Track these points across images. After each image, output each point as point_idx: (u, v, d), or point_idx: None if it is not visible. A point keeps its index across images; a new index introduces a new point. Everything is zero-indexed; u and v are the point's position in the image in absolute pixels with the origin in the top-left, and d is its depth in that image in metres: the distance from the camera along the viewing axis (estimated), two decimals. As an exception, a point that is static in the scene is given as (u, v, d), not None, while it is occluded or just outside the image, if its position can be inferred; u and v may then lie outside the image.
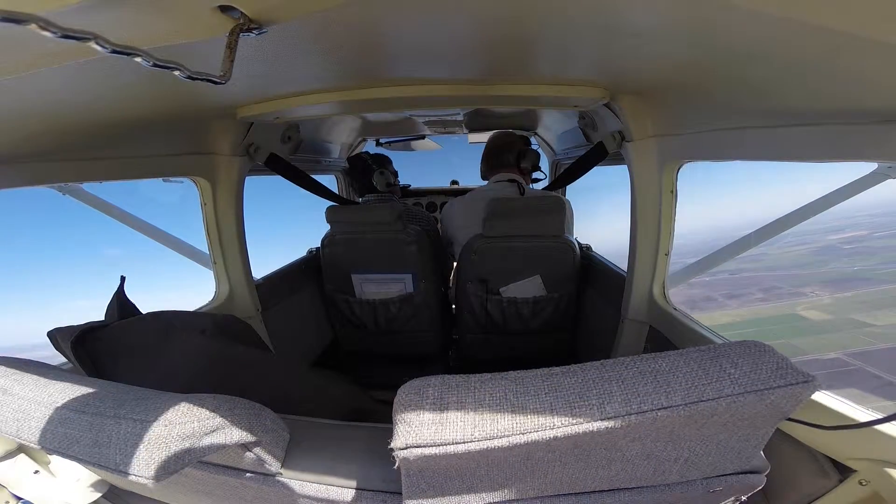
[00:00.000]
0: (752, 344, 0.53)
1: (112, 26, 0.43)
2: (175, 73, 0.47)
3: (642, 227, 1.43)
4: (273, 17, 0.49)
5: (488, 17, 0.67)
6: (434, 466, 0.52)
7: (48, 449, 0.59)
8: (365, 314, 2.17)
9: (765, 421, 0.54)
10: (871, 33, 0.45)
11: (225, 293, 1.70)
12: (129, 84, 0.79)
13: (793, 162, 0.87)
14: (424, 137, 3.17)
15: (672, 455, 0.57)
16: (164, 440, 0.52)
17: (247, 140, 1.60)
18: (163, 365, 0.91)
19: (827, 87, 0.68)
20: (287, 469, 0.69)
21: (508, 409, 0.49)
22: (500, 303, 1.95)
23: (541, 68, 1.05)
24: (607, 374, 0.51)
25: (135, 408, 0.56)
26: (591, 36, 0.76)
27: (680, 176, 1.34)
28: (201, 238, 1.67)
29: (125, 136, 1.19)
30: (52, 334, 0.91)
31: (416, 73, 1.09)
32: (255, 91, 1.15)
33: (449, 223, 2.13)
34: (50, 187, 1.26)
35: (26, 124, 0.86)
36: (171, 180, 1.56)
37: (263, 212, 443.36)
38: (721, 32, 0.61)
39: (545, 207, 1.77)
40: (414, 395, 0.52)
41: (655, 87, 1.13)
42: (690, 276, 1.71)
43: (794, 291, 65.91)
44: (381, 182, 2.14)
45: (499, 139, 2.11)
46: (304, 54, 0.82)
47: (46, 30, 0.34)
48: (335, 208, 2.02)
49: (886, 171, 1.26)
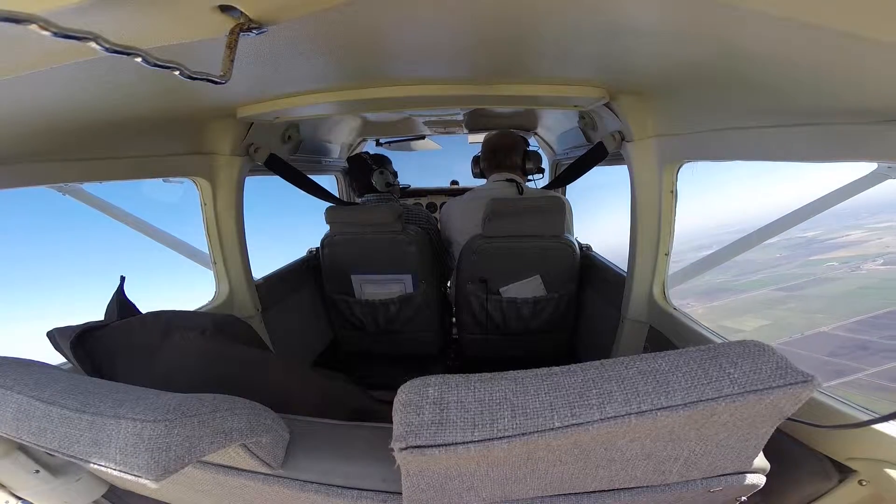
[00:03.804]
0: (752, 344, 0.53)
1: (112, 26, 0.43)
2: (175, 73, 0.47)
3: (642, 227, 1.43)
4: (273, 17, 0.49)
5: (488, 16, 0.67)
6: (434, 466, 0.52)
7: (48, 449, 0.59)
8: (365, 314, 2.17)
9: (764, 421, 0.54)
10: (871, 33, 0.45)
11: (225, 293, 1.70)
12: (129, 84, 0.79)
13: (793, 162, 0.87)
14: (424, 137, 3.17)
15: (672, 455, 0.57)
16: (165, 440, 0.52)
17: (247, 140, 1.60)
18: (162, 365, 0.91)
19: (827, 87, 0.68)
20: (287, 469, 0.69)
21: (508, 408, 0.49)
22: (500, 303, 1.94)
23: (541, 68, 1.05)
24: (607, 374, 0.51)
25: (135, 407, 0.56)
26: (591, 36, 0.76)
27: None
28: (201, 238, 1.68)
29: (125, 136, 1.19)
30: (51, 334, 0.91)
31: (416, 73, 1.09)
32: (255, 91, 1.16)
33: (448, 223, 2.13)
34: (50, 187, 1.26)
35: (26, 124, 0.86)
36: (171, 181, 1.56)
37: (269, 211, 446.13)
38: (721, 32, 0.61)
39: (545, 207, 1.77)
40: (414, 394, 0.52)
41: (655, 87, 1.13)
42: (690, 276, 1.71)
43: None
44: (380, 182, 2.14)
45: (502, 139, 2.08)
46: (304, 54, 0.82)
47: (46, 30, 0.34)
48: (335, 209, 2.02)
49: (886, 171, 1.27)
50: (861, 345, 38.14)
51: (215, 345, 0.97)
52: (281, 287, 2.06)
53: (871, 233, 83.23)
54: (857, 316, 43.35)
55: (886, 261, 66.77)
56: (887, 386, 31.95)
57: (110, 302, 1.04)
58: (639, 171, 1.40)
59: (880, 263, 66.66)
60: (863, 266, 70.11)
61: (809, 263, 73.19)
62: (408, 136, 3.10)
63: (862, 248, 76.42)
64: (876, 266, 67.42)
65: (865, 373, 33.93)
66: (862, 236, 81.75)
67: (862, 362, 35.52)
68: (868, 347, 37.42)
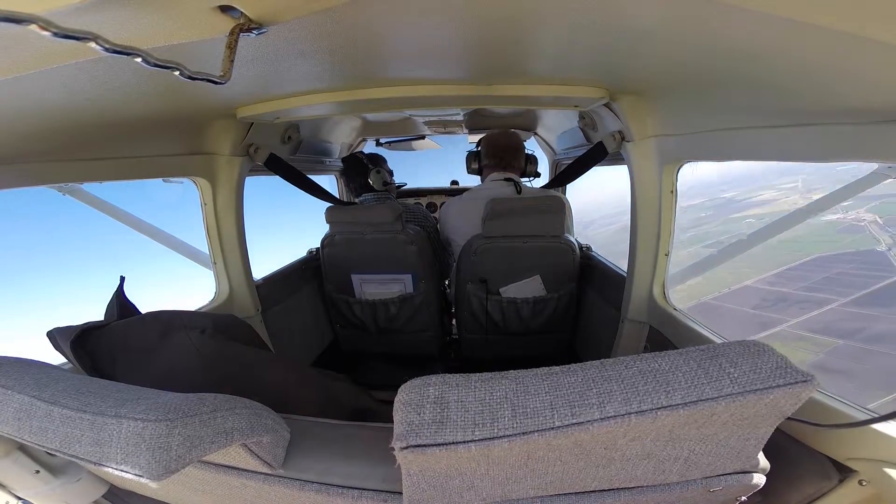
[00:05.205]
0: (752, 343, 0.53)
1: (112, 26, 0.43)
2: (175, 73, 0.47)
3: (642, 227, 1.43)
4: (273, 17, 0.49)
5: (488, 17, 0.67)
6: (434, 466, 0.52)
7: (49, 448, 0.59)
8: (365, 314, 2.17)
9: (764, 420, 0.54)
10: (871, 33, 0.45)
11: (225, 293, 1.71)
12: (129, 84, 0.79)
13: (793, 162, 0.87)
14: (424, 137, 3.17)
15: (672, 454, 0.57)
16: (165, 439, 0.52)
17: (247, 140, 1.60)
18: (162, 364, 0.91)
19: (827, 87, 0.68)
20: (287, 469, 0.69)
21: (508, 408, 0.49)
22: (500, 303, 1.94)
23: (541, 68, 1.05)
24: (607, 374, 0.52)
25: (136, 407, 0.56)
26: (591, 36, 0.76)
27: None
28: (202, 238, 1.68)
29: (125, 137, 1.19)
30: (51, 334, 0.91)
31: (416, 74, 1.09)
32: (255, 91, 1.16)
33: (447, 224, 2.13)
34: (50, 187, 1.26)
35: (26, 124, 0.86)
36: (171, 181, 1.56)
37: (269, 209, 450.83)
38: (721, 32, 0.61)
39: (546, 208, 1.77)
40: (414, 394, 0.52)
41: (655, 87, 1.13)
42: (690, 276, 1.71)
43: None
44: (378, 181, 2.13)
45: (510, 140, 2.07)
46: (304, 54, 0.82)
47: (46, 30, 0.34)
48: (335, 208, 2.02)
49: (886, 171, 1.27)
50: (781, 297, 40.82)
51: (215, 345, 0.97)
52: (281, 287, 2.06)
53: (780, 193, 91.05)
54: (776, 269, 47.00)
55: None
56: (806, 336, 33.89)
57: (110, 302, 1.04)
58: (639, 171, 1.40)
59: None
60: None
61: (730, 221, 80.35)
62: (408, 136, 3.10)
63: (774, 206, 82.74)
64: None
65: (787, 324, 36.43)
66: (774, 196, 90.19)
67: (783, 313, 37.99)
68: (787, 299, 40.06)
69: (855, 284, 41.38)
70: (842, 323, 37.22)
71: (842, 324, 37.02)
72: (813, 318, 38.89)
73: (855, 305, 39.33)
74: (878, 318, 36.43)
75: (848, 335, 34.36)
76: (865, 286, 41.64)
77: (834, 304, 40.08)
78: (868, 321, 36.32)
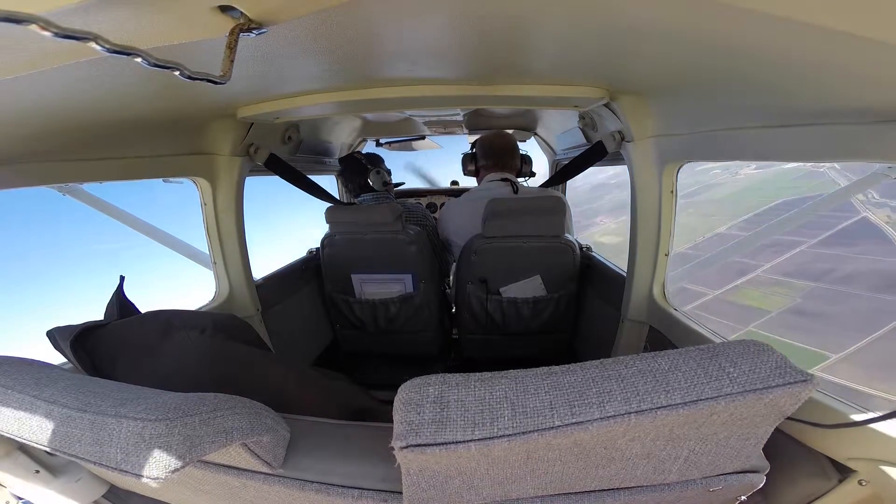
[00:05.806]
0: (752, 343, 0.53)
1: (112, 26, 0.43)
2: (175, 73, 0.47)
3: (642, 227, 1.43)
4: (273, 17, 0.49)
5: (489, 16, 0.67)
6: (434, 465, 0.52)
7: (50, 448, 0.59)
8: (365, 314, 2.17)
9: (764, 420, 0.54)
10: (871, 33, 0.45)
11: (225, 293, 1.71)
12: (129, 84, 0.79)
13: (793, 162, 0.87)
14: (424, 138, 3.17)
15: (672, 454, 0.57)
16: (166, 439, 0.52)
17: (247, 140, 1.60)
18: (162, 364, 0.91)
19: (827, 87, 0.68)
20: (287, 468, 0.69)
21: (508, 407, 0.49)
22: (501, 303, 1.94)
23: (541, 68, 1.05)
24: (607, 373, 0.52)
25: (136, 407, 0.56)
26: (591, 36, 0.76)
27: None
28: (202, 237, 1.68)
29: (125, 137, 1.19)
30: (51, 334, 0.91)
31: (415, 74, 1.09)
32: (255, 91, 1.16)
33: (447, 224, 2.13)
34: (50, 187, 1.26)
35: (26, 124, 0.86)
36: (171, 181, 1.56)
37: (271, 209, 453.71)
38: (721, 32, 0.61)
39: (546, 208, 1.77)
40: (414, 394, 0.52)
41: (655, 88, 1.13)
42: (689, 276, 1.71)
43: (590, 223, 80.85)
44: (377, 181, 2.13)
45: (506, 140, 2.07)
46: (304, 54, 0.82)
47: (46, 30, 0.34)
48: (335, 209, 2.02)
49: (886, 171, 1.27)
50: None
51: (215, 344, 0.97)
52: (281, 287, 2.06)
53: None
54: (745, 215, 49.06)
55: (759, 167, 77.95)
56: (781, 280, 35.19)
57: (110, 301, 1.04)
58: (639, 172, 1.40)
59: (754, 168, 78.34)
60: (740, 172, 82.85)
61: (697, 173, 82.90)
62: (408, 136, 3.10)
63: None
64: (751, 171, 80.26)
65: (762, 269, 38.37)
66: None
67: (757, 258, 39.54)
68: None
69: (821, 225, 42.78)
70: (812, 264, 38.85)
71: (813, 265, 38.69)
72: (786, 261, 40.62)
73: (823, 245, 40.91)
74: (845, 258, 37.69)
75: (819, 276, 35.88)
76: (830, 227, 43.04)
77: (803, 245, 41.92)
78: (836, 262, 37.70)
